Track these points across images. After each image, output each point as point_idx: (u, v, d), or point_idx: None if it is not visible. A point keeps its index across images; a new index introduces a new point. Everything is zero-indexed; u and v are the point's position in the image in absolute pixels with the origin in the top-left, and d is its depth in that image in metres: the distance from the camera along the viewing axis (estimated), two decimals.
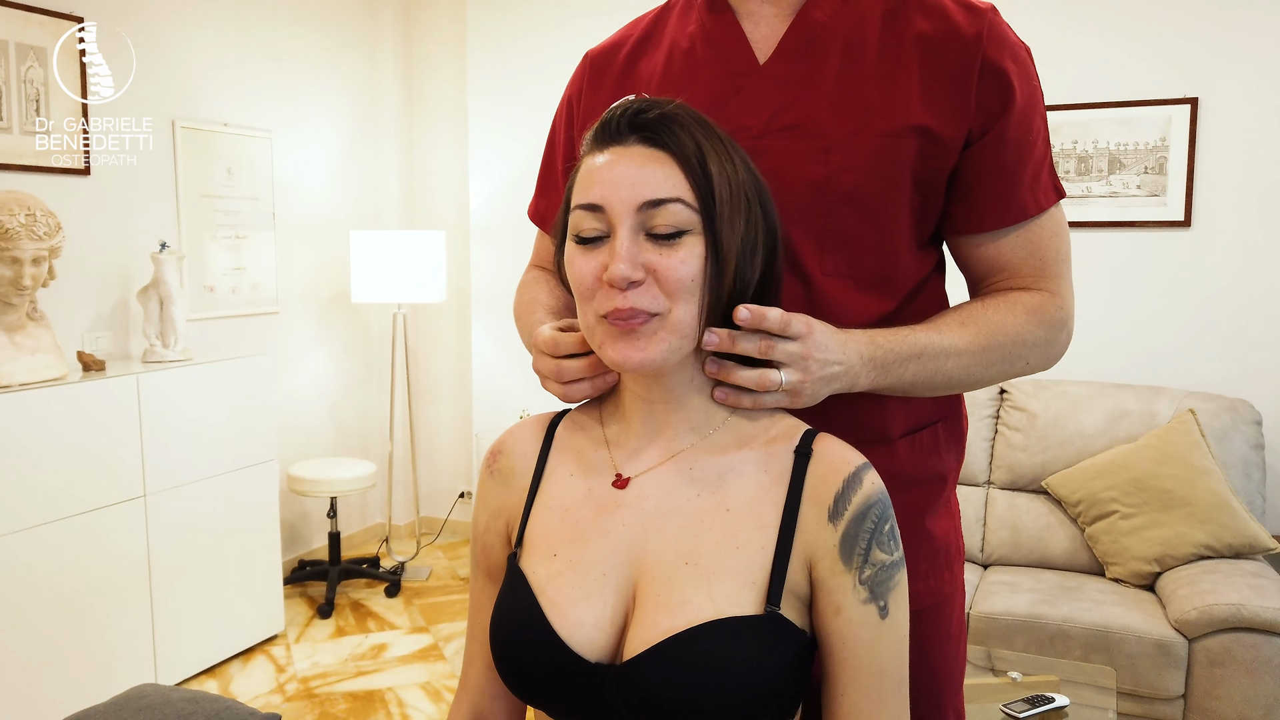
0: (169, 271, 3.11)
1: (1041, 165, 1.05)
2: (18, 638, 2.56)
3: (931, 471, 1.10)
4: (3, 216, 2.53)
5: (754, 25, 1.06)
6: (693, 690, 0.80)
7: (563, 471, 0.95)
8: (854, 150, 0.99)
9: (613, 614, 0.86)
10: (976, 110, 1.00)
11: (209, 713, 1.52)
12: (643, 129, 0.86)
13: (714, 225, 0.84)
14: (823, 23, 1.04)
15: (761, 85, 1.03)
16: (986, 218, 1.04)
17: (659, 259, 0.83)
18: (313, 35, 4.08)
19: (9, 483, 2.52)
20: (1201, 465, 2.83)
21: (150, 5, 3.35)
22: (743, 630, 0.82)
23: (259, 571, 3.38)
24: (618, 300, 0.83)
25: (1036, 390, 3.22)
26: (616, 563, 0.87)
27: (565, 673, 0.85)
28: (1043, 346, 1.06)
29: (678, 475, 0.89)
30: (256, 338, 3.87)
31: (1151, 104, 3.18)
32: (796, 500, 0.86)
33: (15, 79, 2.88)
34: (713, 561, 0.85)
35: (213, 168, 3.61)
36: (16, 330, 2.67)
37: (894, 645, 0.86)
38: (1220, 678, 2.51)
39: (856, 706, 0.85)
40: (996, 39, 1.01)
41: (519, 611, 0.88)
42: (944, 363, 0.99)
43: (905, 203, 1.02)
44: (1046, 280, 1.05)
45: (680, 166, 0.84)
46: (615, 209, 0.84)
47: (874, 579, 0.84)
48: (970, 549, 3.16)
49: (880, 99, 1.00)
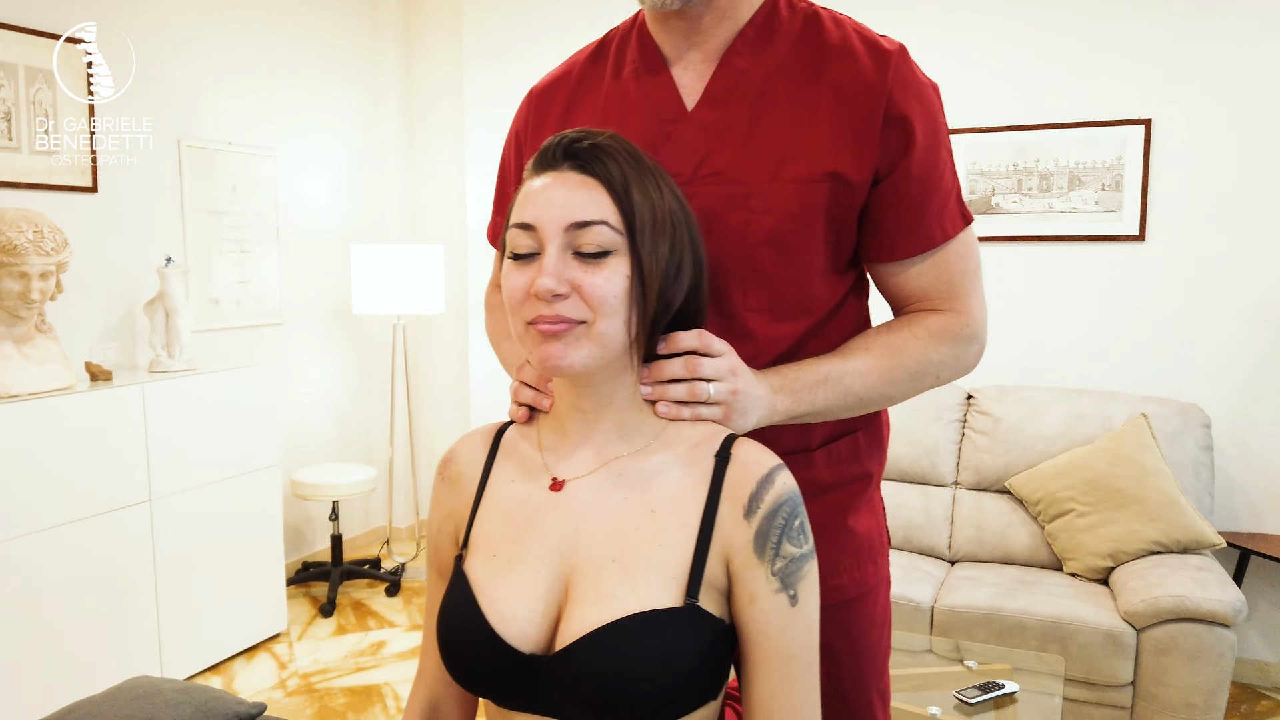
0: (174, 285, 3.27)
1: (948, 196, 1.14)
2: (28, 636, 2.70)
3: (851, 476, 1.21)
4: (11, 233, 2.66)
5: (683, 71, 1.14)
6: (618, 676, 0.87)
7: (505, 477, 1.02)
8: (771, 196, 1.08)
9: (545, 609, 0.92)
10: (881, 153, 1.08)
11: (198, 702, 1.67)
12: (575, 157, 0.94)
13: (637, 247, 0.92)
14: (743, 70, 1.11)
15: (689, 133, 1.11)
16: (896, 248, 1.13)
17: (583, 275, 0.91)
18: (316, 57, 4.25)
19: (19, 488, 2.66)
20: (1152, 466, 2.99)
21: (157, 29, 3.52)
22: (663, 621, 0.88)
23: (263, 572, 3.54)
24: (542, 309, 0.91)
25: (1001, 395, 3.39)
26: (550, 561, 0.94)
27: (502, 663, 0.91)
28: (950, 361, 1.15)
29: (608, 480, 0.96)
30: (261, 348, 4.04)
31: (1108, 124, 3.35)
32: (716, 500, 0.92)
33: (25, 100, 3.04)
34: (637, 559, 0.91)
35: (218, 185, 3.78)
36: (25, 342, 2.81)
37: (803, 631, 0.92)
38: (1166, 665, 2.66)
39: (769, 686, 0.92)
40: (901, 84, 1.09)
41: (460, 606, 0.95)
42: (851, 384, 1.09)
43: (820, 240, 1.10)
44: (954, 300, 1.15)
45: (608, 192, 0.92)
46: (545, 228, 0.92)
47: (785, 570, 0.91)
48: (938, 546, 3.32)
49: (795, 147, 1.08)
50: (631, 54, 1.18)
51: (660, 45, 1.15)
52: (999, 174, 3.52)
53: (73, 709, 1.62)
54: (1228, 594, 2.64)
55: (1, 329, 2.73)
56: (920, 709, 2.24)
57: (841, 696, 1.22)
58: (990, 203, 3.55)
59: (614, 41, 1.22)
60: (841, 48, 1.11)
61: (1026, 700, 2.32)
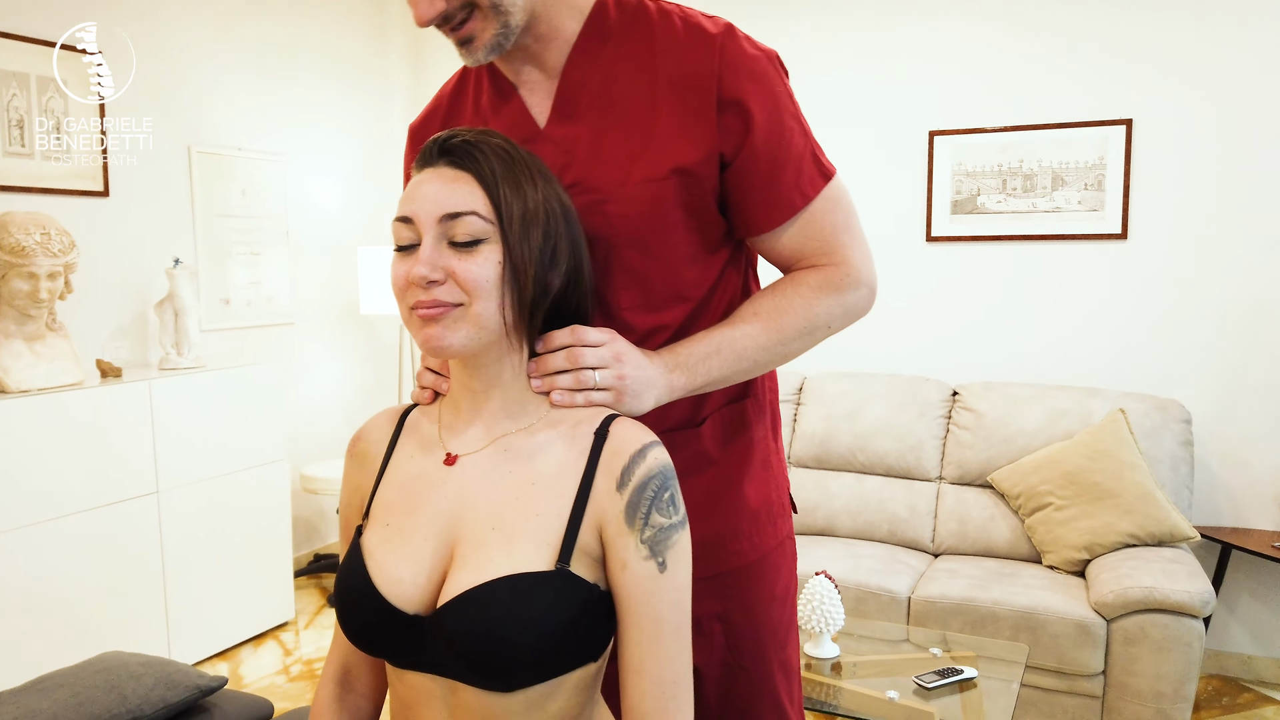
0: (182, 286, 3.41)
1: (801, 160, 1.16)
2: (39, 620, 2.85)
3: (740, 444, 1.26)
4: (19, 235, 2.80)
5: (530, 93, 1.18)
6: (490, 634, 0.92)
7: (406, 453, 1.08)
8: (625, 199, 1.12)
9: (430, 573, 0.99)
10: (722, 139, 1.11)
11: (160, 675, 1.79)
12: (450, 154, 1.00)
13: (507, 236, 0.98)
14: (581, 81, 1.15)
15: (545, 150, 1.14)
16: (761, 222, 1.17)
17: (457, 263, 0.97)
18: (323, 63, 4.38)
19: (30, 479, 2.80)
20: (1129, 460, 3.04)
21: (166, 35, 3.66)
22: (533, 584, 0.94)
23: (271, 563, 3.68)
24: (420, 294, 0.97)
25: (985, 392, 3.45)
26: (438, 529, 1.00)
27: (387, 623, 0.98)
28: (837, 310, 1.20)
29: (495, 455, 1.02)
30: (273, 347, 4.18)
31: (1089, 125, 3.40)
32: (592, 474, 0.99)
33: (36, 108, 3.19)
34: (515, 527, 0.98)
35: (228, 189, 3.92)
36: (36, 340, 2.95)
37: (671, 596, 0.98)
38: (1135, 655, 2.71)
39: (639, 647, 0.97)
40: (731, 65, 1.11)
41: (352, 571, 1.02)
42: (744, 348, 1.14)
43: (681, 231, 1.15)
44: (832, 254, 1.19)
45: (480, 185, 0.98)
46: (422, 220, 0.98)
47: (653, 539, 0.97)
48: (921, 540, 3.38)
49: (639, 148, 1.12)
50: (485, 83, 1.23)
51: (504, 72, 1.20)
52: (984, 174, 3.58)
53: (45, 679, 1.74)
54: (1196, 585, 2.69)
55: (13, 327, 2.88)
56: (879, 693, 2.32)
57: (743, 669, 1.29)
58: (975, 202, 3.61)
59: (470, 74, 1.27)
60: (669, 39, 1.14)
61: (984, 686, 2.38)
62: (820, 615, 2.47)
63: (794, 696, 1.36)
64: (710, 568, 1.23)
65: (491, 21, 1.10)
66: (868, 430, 3.53)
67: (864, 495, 3.50)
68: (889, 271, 3.80)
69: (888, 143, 3.76)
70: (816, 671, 2.47)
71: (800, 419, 3.69)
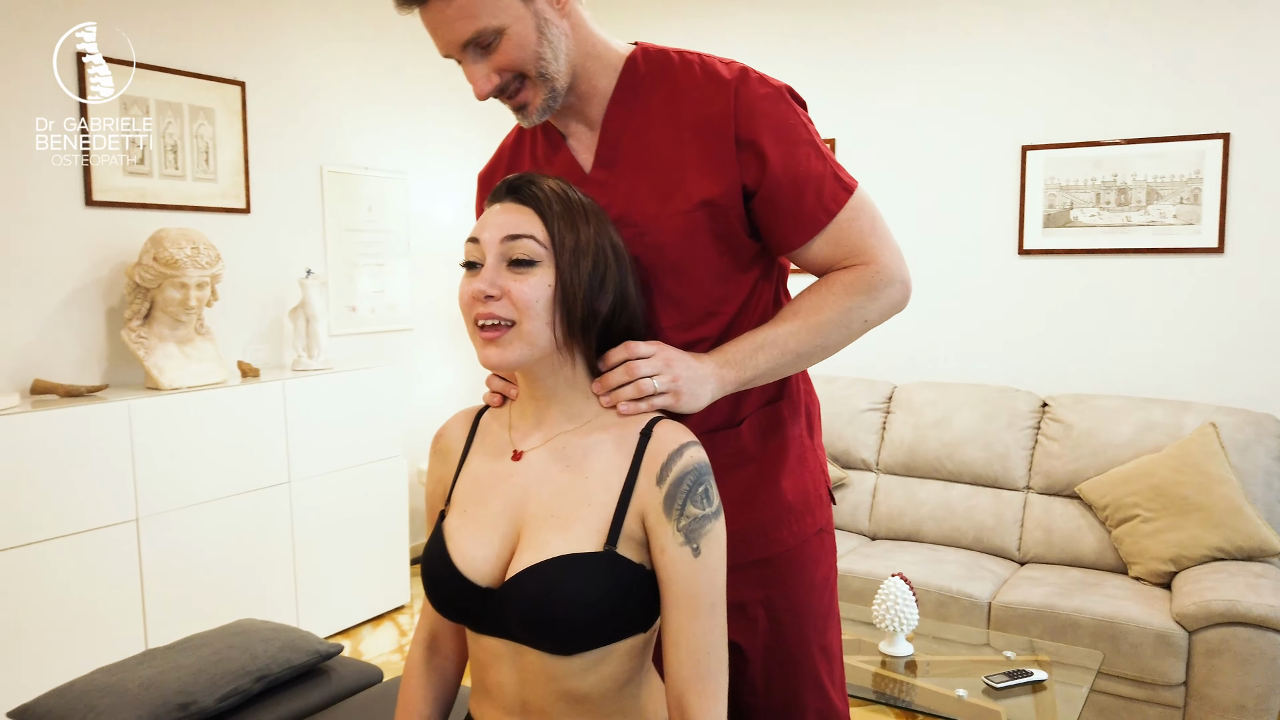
0: (314, 294, 3.74)
1: (822, 180, 1.28)
2: (185, 593, 3.18)
3: (776, 441, 1.40)
4: (173, 249, 3.14)
5: (578, 143, 1.35)
6: (547, 605, 1.08)
7: (480, 450, 1.25)
8: (660, 230, 1.27)
9: (499, 552, 1.15)
10: (742, 173, 1.25)
11: (286, 640, 2.05)
12: (516, 192, 1.16)
13: (560, 263, 1.12)
14: (619, 130, 1.31)
15: (591, 191, 1.28)
16: (791, 239, 1.31)
17: (512, 282, 1.11)
18: (443, 90, 4.68)
19: (175, 468, 3.13)
20: (1218, 474, 3.05)
21: (302, 67, 4.01)
22: (584, 562, 1.10)
23: (388, 550, 3.97)
24: (479, 309, 1.12)
25: (1074, 404, 3.48)
26: (506, 516, 1.17)
27: (464, 595, 1.15)
28: (870, 305, 1.31)
29: (554, 453, 1.18)
30: (393, 351, 4.50)
31: (1186, 139, 3.41)
32: (636, 470, 1.13)
33: (189, 135, 3.55)
34: (569, 515, 1.13)
35: (355, 205, 4.25)
36: (186, 343, 3.31)
37: (705, 577, 1.12)
38: (1217, 668, 2.73)
39: (677, 621, 1.12)
40: (745, 108, 1.25)
41: (434, 551, 1.19)
42: (786, 343, 1.27)
43: (712, 255, 1.29)
44: (861, 255, 1.31)
45: (539, 217, 1.13)
46: (486, 241, 1.13)
47: (689, 528, 1.11)
48: (1007, 548, 3.44)
49: (671, 185, 1.27)
50: (540, 136, 1.41)
51: (555, 126, 1.38)
52: (1077, 188, 3.61)
53: (190, 639, 2.02)
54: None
55: (166, 331, 3.23)
56: (949, 691, 2.43)
57: (785, 651, 1.43)
58: (1069, 216, 3.65)
59: (526, 131, 1.46)
60: (690, 86, 1.29)
61: (1054, 689, 2.46)
62: (894, 615, 2.58)
63: (835, 678, 1.49)
64: (751, 554, 1.38)
65: (540, 88, 1.27)
66: (955, 439, 3.61)
67: (950, 503, 3.58)
68: (980, 284, 3.86)
69: (980, 157, 3.82)
70: (890, 668, 2.59)
71: (889, 427, 3.79)
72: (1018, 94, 3.72)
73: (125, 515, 2.98)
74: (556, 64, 1.27)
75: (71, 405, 2.90)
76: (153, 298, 3.20)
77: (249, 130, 3.77)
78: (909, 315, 3.94)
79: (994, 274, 3.83)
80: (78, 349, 3.25)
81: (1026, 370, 3.79)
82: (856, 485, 3.81)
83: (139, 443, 3.01)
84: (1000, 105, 3.76)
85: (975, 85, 3.81)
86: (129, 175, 3.35)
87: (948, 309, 3.94)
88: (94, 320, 3.29)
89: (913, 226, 3.95)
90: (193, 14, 3.56)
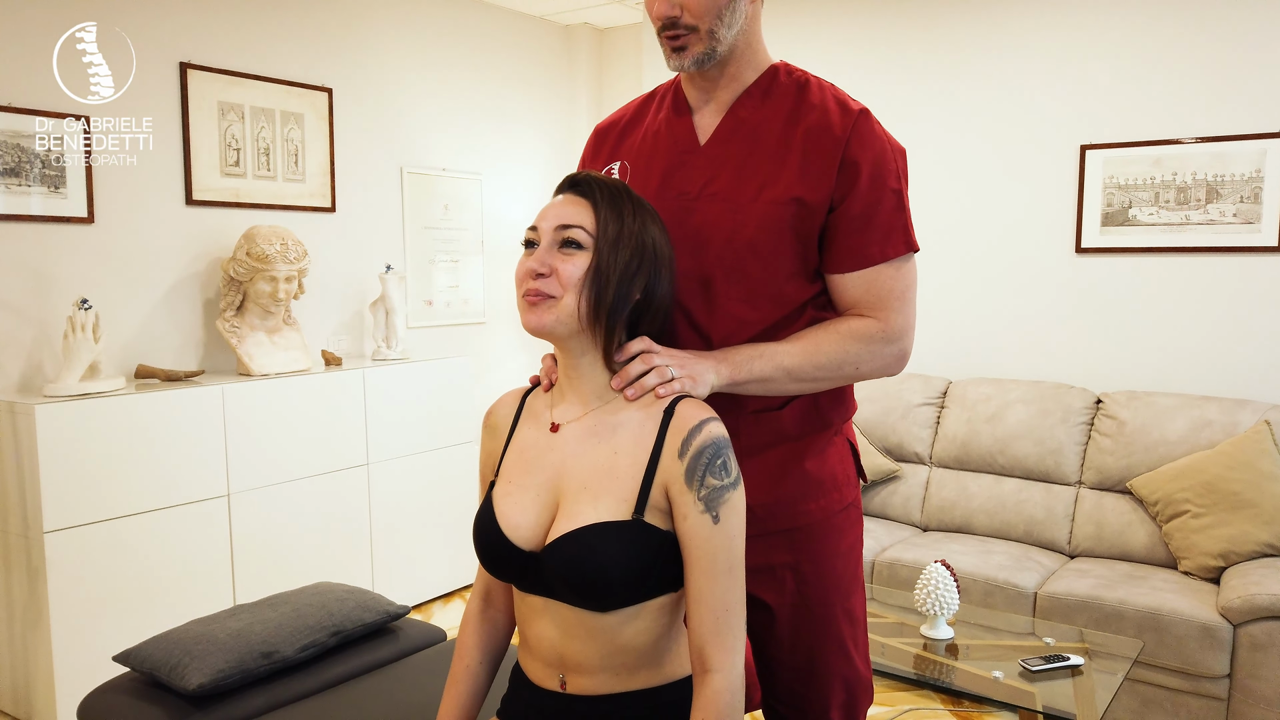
0: (392, 288, 3.96)
1: (892, 228, 1.43)
2: (272, 559, 3.42)
3: (813, 426, 1.51)
4: (264, 245, 3.38)
5: (701, 117, 1.50)
6: (581, 567, 1.22)
7: (526, 426, 1.38)
8: (751, 212, 1.41)
9: (539, 519, 1.29)
10: (836, 186, 1.40)
11: (359, 600, 2.24)
12: (576, 186, 1.31)
13: (600, 244, 1.26)
14: (744, 118, 1.47)
15: (699, 162, 1.46)
16: (843, 261, 1.44)
17: (560, 262, 1.25)
18: (517, 97, 4.89)
19: (263, 448, 3.37)
20: (1270, 471, 3.06)
21: (384, 75, 4.24)
22: (613, 529, 1.23)
23: (459, 531, 4.18)
24: (530, 284, 1.26)
25: (1129, 400, 3.51)
26: (547, 487, 1.30)
27: (510, 557, 1.29)
28: (866, 356, 1.43)
29: (586, 428, 1.31)
30: (466, 343, 4.71)
31: (1246, 138, 3.42)
32: (660, 444, 1.25)
33: (280, 139, 3.80)
34: (600, 486, 1.26)
35: (433, 204, 4.47)
36: (275, 333, 3.56)
37: (724, 542, 1.24)
38: (1262, 661, 2.76)
39: (698, 582, 1.24)
40: (859, 137, 1.41)
41: (484, 518, 1.33)
42: (781, 360, 1.39)
43: (789, 249, 1.42)
44: (878, 310, 1.43)
45: (591, 209, 1.27)
46: (544, 227, 1.28)
47: (708, 497, 1.23)
48: (1058, 541, 3.49)
49: (772, 175, 1.41)
50: (669, 101, 1.55)
51: (688, 96, 1.52)
52: (1136, 187, 3.64)
53: (274, 597, 2.23)
54: None
55: (256, 321, 3.48)
56: (986, 673, 2.51)
57: (810, 611, 1.54)
58: (1127, 215, 3.68)
59: (660, 92, 1.60)
60: (818, 105, 1.44)
61: (1090, 674, 2.52)
62: (935, 599, 2.68)
63: (859, 642, 1.60)
64: (780, 523, 1.51)
65: (703, 42, 1.42)
66: (1008, 434, 3.67)
67: (1002, 496, 3.64)
68: (1037, 282, 3.91)
69: (1039, 156, 3.87)
70: (931, 651, 2.68)
71: (943, 421, 3.86)
72: (1077, 94, 3.76)
73: (218, 491, 3.23)
74: (728, 32, 1.42)
75: (171, 389, 3.15)
76: (245, 290, 3.45)
77: (335, 134, 4.01)
78: (965, 311, 4.02)
79: (1051, 272, 3.87)
80: (177, 337, 3.52)
81: (1081, 367, 3.82)
82: (909, 478, 3.89)
83: (231, 424, 3.26)
84: (1059, 105, 3.80)
85: (1035, 86, 3.86)
86: (225, 176, 3.61)
87: (1004, 306, 4.00)
88: (192, 310, 3.56)
89: (971, 224, 4.02)
90: (285, 26, 3.81)
